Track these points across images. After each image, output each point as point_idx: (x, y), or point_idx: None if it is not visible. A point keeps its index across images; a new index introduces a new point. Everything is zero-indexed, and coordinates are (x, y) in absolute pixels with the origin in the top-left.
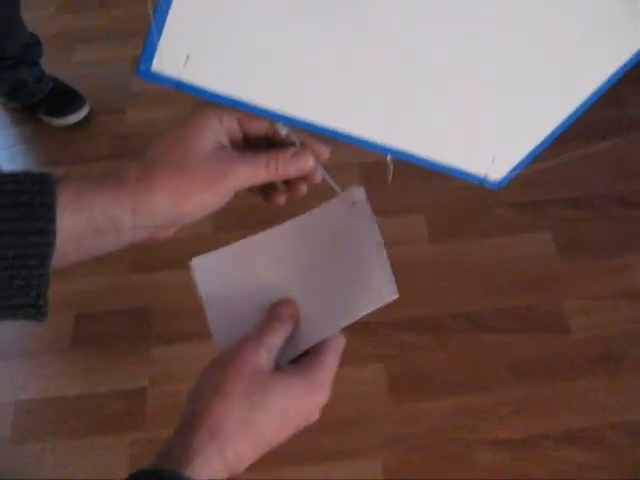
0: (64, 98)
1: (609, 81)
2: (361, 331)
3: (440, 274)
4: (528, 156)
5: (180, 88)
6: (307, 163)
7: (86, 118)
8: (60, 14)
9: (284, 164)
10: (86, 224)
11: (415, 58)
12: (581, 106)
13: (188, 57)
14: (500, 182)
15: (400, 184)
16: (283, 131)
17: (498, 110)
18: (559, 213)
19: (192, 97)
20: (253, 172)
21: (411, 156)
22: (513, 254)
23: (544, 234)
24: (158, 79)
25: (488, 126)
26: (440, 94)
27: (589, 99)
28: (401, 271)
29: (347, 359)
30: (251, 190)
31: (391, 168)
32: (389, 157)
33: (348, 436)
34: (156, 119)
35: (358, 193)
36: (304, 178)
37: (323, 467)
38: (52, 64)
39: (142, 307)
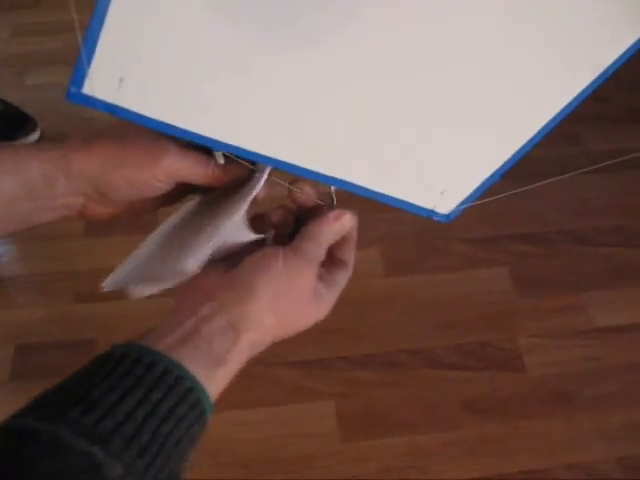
0: (15, 122)
1: (558, 116)
2: (313, 367)
3: (395, 309)
4: (478, 189)
5: (114, 113)
6: (243, 173)
7: (37, 142)
8: (15, 37)
9: (221, 169)
10: (21, 185)
11: (363, 89)
12: (530, 141)
13: (122, 80)
14: (449, 215)
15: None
16: (220, 160)
17: (447, 143)
18: (515, 249)
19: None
20: (191, 163)
21: (357, 187)
22: (469, 289)
23: (500, 270)
24: (90, 102)
25: (437, 159)
26: (388, 127)
27: (538, 134)
28: (355, 306)
29: (297, 395)
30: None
31: (334, 199)
32: (333, 188)
33: (296, 475)
34: None
35: (263, 167)
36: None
37: None
38: (4, 87)
39: (86, 338)
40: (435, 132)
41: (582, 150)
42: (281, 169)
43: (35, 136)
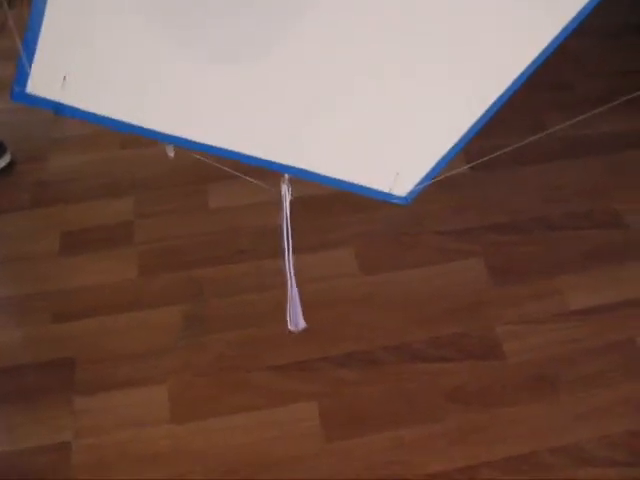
0: None
1: (507, 93)
2: (292, 370)
3: (372, 307)
4: (433, 170)
5: (59, 111)
6: None
7: (7, 167)
8: None
9: None
10: None
11: (314, 75)
12: (480, 119)
13: (65, 79)
14: (407, 197)
15: (327, 219)
16: (170, 153)
17: (400, 125)
18: (488, 238)
19: (117, 138)
20: None
21: (313, 175)
22: (445, 282)
23: (475, 260)
24: (35, 101)
25: (390, 141)
26: (340, 112)
27: (487, 113)
28: (332, 306)
29: (279, 398)
30: None
31: (290, 187)
32: (286, 176)
33: (284, 477)
34: (80, 164)
35: None
36: None
37: None
38: None
39: (64, 358)
40: (386, 113)
41: (547, 139)
42: (235, 159)
43: (5, 161)
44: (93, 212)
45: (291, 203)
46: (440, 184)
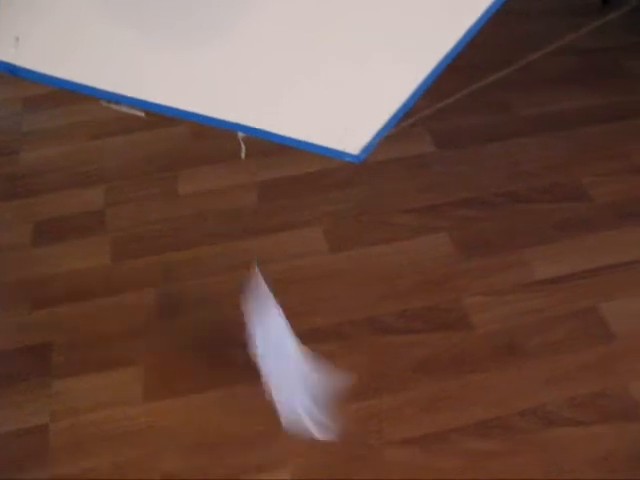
0: None
1: (457, 47)
2: None
3: (340, 284)
4: (384, 127)
5: (14, 73)
6: None
7: None
8: None
9: None
10: None
11: (262, 36)
12: (431, 74)
13: (18, 39)
14: (359, 156)
15: (295, 200)
16: (140, 114)
17: (350, 83)
18: (455, 214)
19: (86, 130)
20: None
21: (265, 133)
22: (413, 257)
23: (442, 235)
24: None
25: (340, 99)
26: (288, 69)
27: (437, 68)
28: (301, 284)
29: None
30: None
31: (243, 146)
32: (240, 135)
33: (261, 452)
34: (51, 156)
35: None
36: None
37: None
38: None
39: (41, 343)
40: (335, 71)
41: (511, 117)
42: (187, 119)
43: None
44: (65, 202)
45: (260, 185)
46: (406, 163)
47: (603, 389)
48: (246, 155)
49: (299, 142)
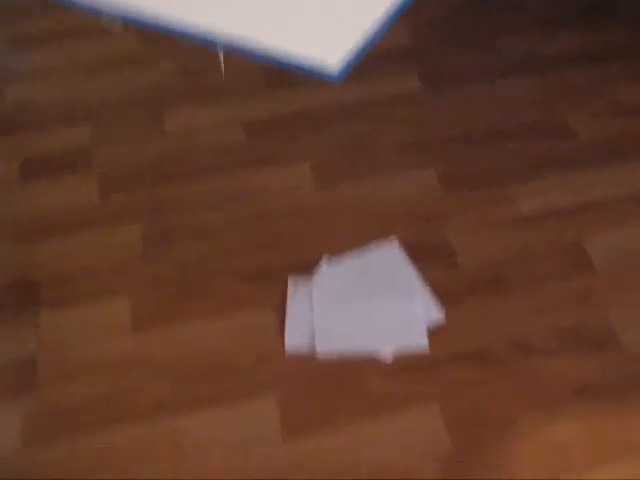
0: None
1: None
2: (255, 277)
3: (327, 218)
4: (360, 46)
5: None
6: None
7: None
8: None
9: None
10: None
11: None
12: None
13: None
14: (338, 75)
15: (283, 136)
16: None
17: (328, 3)
18: (443, 150)
19: (73, 69)
20: None
21: (247, 49)
22: (400, 192)
23: (428, 171)
24: None
25: (320, 19)
26: None
27: None
28: (290, 219)
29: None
30: None
31: (223, 65)
32: (221, 53)
33: (242, 379)
34: (37, 95)
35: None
36: None
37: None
38: None
39: (29, 277)
40: None
41: (497, 59)
42: (165, 32)
43: None
44: (52, 139)
45: (248, 123)
46: (393, 102)
47: (584, 320)
48: (233, 93)
49: (280, 59)
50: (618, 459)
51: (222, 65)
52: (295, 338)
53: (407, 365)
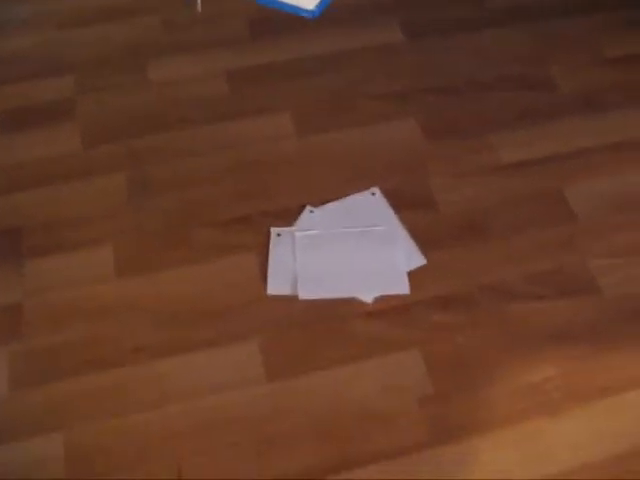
0: None
1: None
2: (234, 224)
3: (309, 167)
4: None
5: None
6: None
7: None
8: None
9: None
10: None
11: None
12: None
13: None
14: (314, 11)
15: (265, 86)
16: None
17: None
18: (423, 100)
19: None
20: None
21: None
22: (381, 140)
23: (410, 120)
24: None
25: None
26: None
27: None
28: (271, 168)
29: (220, 252)
30: None
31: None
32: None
33: (226, 324)
34: (19, 46)
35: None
36: None
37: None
38: None
39: (12, 226)
40: None
41: (482, 10)
42: None
43: None
44: (34, 91)
45: (230, 73)
46: (375, 53)
47: (563, 265)
48: (216, 44)
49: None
50: (591, 399)
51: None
52: (278, 285)
53: (388, 309)
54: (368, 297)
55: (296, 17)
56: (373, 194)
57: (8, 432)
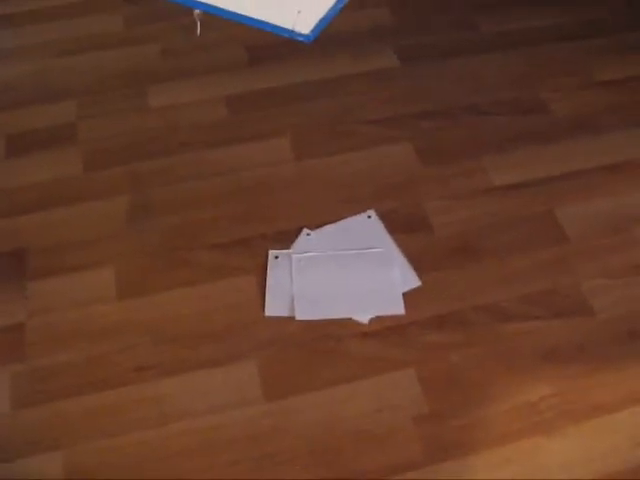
0: None
1: None
2: (234, 246)
3: (305, 189)
4: (331, 10)
5: None
6: None
7: None
8: None
9: None
10: None
11: None
12: None
13: None
14: (309, 36)
15: (263, 111)
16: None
17: None
18: (418, 125)
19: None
20: None
21: (221, 10)
22: (376, 164)
23: (405, 144)
24: None
25: None
26: None
27: None
28: (269, 191)
29: (220, 273)
30: None
31: (199, 22)
32: (197, 11)
33: (224, 344)
34: (20, 73)
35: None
36: None
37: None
38: None
39: (15, 248)
40: None
41: (476, 35)
42: None
43: None
44: (36, 116)
45: (229, 99)
46: (370, 77)
47: (556, 287)
48: (215, 70)
49: (256, 21)
50: (585, 418)
51: (198, 23)
52: (275, 306)
53: (384, 330)
54: (364, 318)
55: (293, 43)
56: (369, 217)
57: (9, 450)
